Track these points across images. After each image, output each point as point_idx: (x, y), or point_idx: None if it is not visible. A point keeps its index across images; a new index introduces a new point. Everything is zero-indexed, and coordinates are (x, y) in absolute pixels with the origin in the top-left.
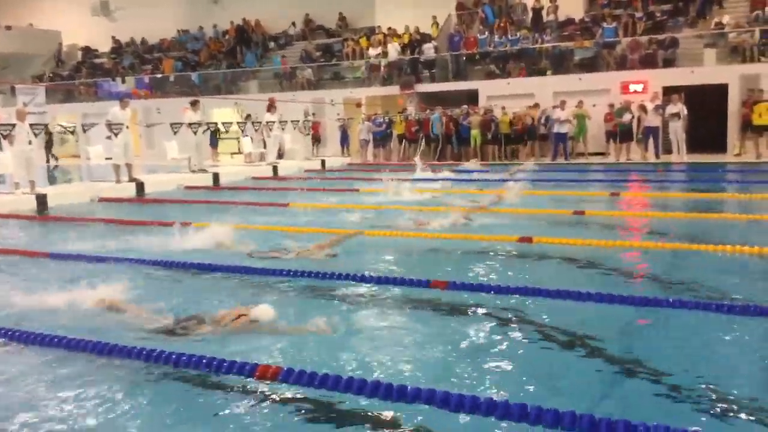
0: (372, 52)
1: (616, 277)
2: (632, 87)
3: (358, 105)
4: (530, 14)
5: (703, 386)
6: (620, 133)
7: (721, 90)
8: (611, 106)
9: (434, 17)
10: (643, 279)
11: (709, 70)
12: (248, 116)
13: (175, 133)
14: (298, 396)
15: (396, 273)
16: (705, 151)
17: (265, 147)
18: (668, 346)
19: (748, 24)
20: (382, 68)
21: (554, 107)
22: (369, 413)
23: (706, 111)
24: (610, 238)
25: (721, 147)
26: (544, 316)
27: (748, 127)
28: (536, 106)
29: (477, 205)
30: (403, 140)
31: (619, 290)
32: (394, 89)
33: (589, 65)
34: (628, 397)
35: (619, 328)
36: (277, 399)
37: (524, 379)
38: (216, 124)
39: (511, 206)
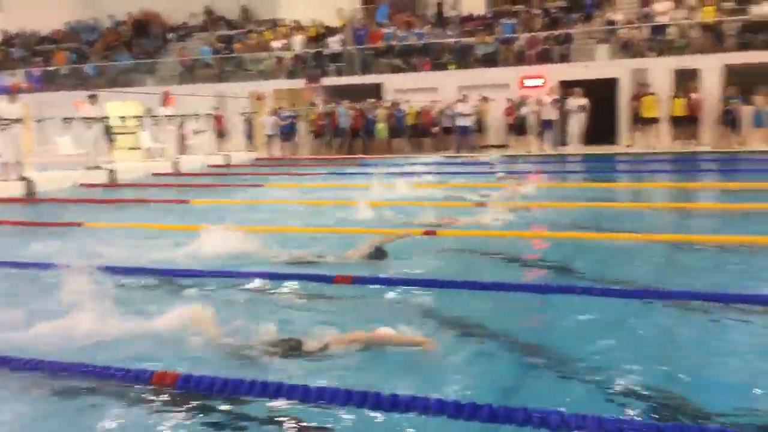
0: (276, 44)
1: (519, 265)
2: (530, 81)
3: (258, 98)
4: (433, 9)
5: (606, 370)
6: (518, 126)
7: (613, 84)
8: (511, 100)
9: (340, 10)
10: (543, 267)
11: (601, 65)
12: (147, 110)
13: (67, 127)
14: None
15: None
16: (598, 143)
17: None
18: (571, 332)
19: (638, 20)
20: (287, 61)
21: (457, 101)
22: (273, 416)
23: (598, 104)
24: (512, 228)
25: (612, 139)
26: (448, 307)
27: (637, 119)
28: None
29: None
30: (311, 135)
31: (522, 278)
32: (300, 83)
33: (491, 60)
34: (531, 384)
35: (522, 315)
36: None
37: (425, 371)
38: (108, 118)
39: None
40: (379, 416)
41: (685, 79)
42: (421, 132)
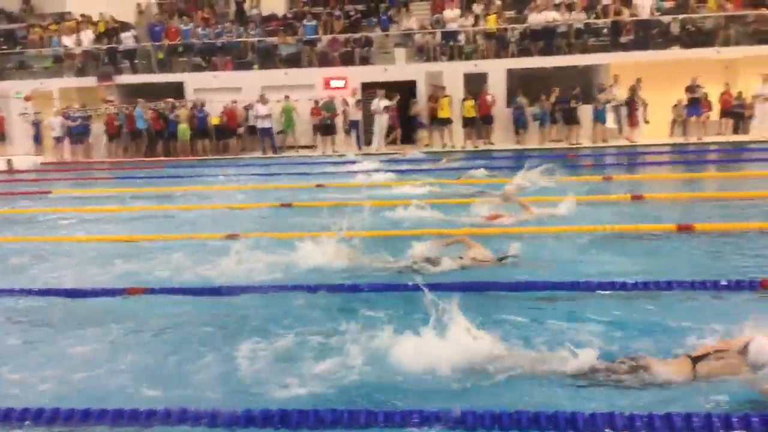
0: (66, 40)
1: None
2: (334, 83)
3: (27, 99)
4: (233, 7)
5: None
6: (325, 127)
7: (411, 86)
8: (316, 101)
9: (138, 5)
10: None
11: (400, 68)
12: None
13: None
14: None
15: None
16: (398, 142)
17: None
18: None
19: (430, 26)
20: (76, 57)
21: (255, 102)
22: None
23: (398, 105)
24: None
25: (412, 138)
26: (249, 311)
27: (434, 119)
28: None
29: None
30: (107, 136)
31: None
32: (91, 80)
33: (294, 61)
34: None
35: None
36: None
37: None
38: None
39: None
40: None
41: (475, 83)
42: (227, 133)
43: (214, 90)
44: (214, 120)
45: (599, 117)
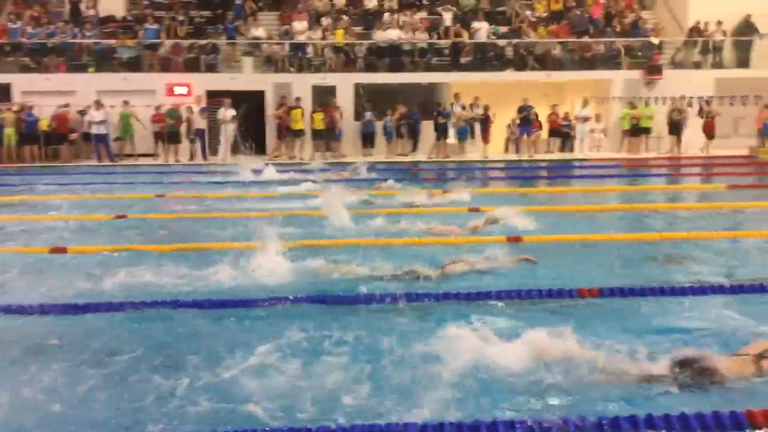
0: None
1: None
2: (177, 89)
3: None
4: (67, 6)
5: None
6: (169, 135)
7: (260, 96)
8: (158, 107)
9: None
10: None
11: (247, 77)
12: None
13: None
14: None
15: None
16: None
17: None
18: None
19: (279, 37)
20: None
21: (87, 107)
22: None
23: (247, 116)
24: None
25: (261, 149)
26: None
27: (285, 131)
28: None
29: None
30: None
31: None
32: None
33: (134, 65)
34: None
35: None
36: None
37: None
38: None
39: None
40: None
41: (323, 95)
42: (57, 139)
43: (45, 93)
44: (43, 125)
45: (459, 133)
